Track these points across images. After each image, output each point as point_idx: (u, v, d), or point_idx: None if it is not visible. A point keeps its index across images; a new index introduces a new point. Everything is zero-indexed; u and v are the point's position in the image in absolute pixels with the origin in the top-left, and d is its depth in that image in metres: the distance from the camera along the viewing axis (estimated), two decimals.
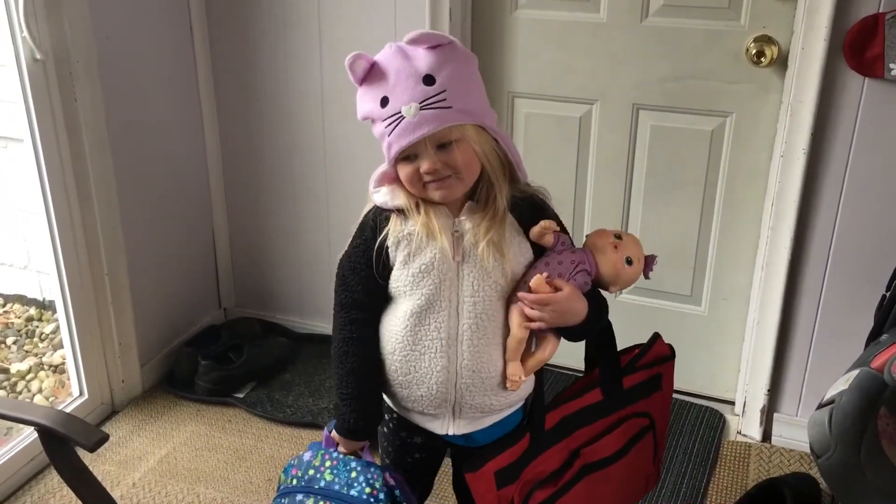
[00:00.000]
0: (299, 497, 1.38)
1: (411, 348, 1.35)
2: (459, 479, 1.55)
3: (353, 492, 1.36)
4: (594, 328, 1.41)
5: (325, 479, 1.39)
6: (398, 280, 1.34)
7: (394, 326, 1.37)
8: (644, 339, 2.57)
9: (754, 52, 2.09)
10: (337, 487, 1.37)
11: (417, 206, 1.32)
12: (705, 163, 2.27)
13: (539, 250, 1.37)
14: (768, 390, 2.29)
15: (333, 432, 1.43)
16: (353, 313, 1.38)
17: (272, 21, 2.47)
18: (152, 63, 2.42)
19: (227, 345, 2.61)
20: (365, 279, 1.36)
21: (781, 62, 2.08)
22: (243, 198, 2.74)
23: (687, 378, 2.50)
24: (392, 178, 1.33)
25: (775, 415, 2.32)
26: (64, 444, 1.56)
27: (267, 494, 2.14)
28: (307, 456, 1.43)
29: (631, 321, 2.50)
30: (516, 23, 2.32)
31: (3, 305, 3.22)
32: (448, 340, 1.34)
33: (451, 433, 1.42)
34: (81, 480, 1.60)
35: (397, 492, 1.39)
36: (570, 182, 2.41)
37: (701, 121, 2.24)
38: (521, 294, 1.32)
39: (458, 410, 1.39)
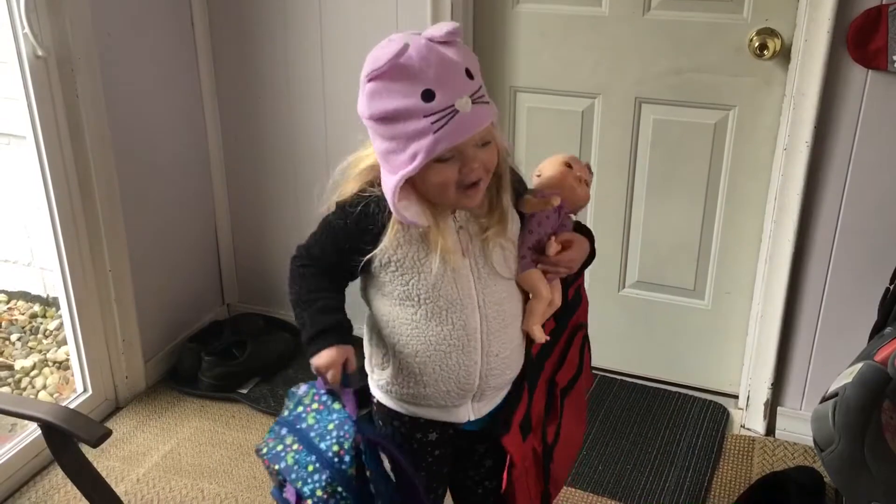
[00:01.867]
0: (283, 431, 1.34)
1: (435, 349, 1.34)
2: (457, 474, 1.58)
3: (322, 444, 1.29)
4: (594, 257, 1.47)
5: (307, 421, 1.33)
6: (407, 285, 1.31)
7: (412, 330, 1.34)
8: (647, 333, 2.58)
9: (757, 44, 2.08)
10: (312, 434, 1.30)
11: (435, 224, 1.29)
12: (708, 156, 2.27)
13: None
14: (772, 384, 2.29)
15: (312, 360, 1.34)
16: (306, 267, 1.38)
17: (274, 17, 2.46)
18: (154, 59, 2.42)
19: (230, 341, 2.61)
20: (327, 258, 1.35)
21: (784, 55, 2.08)
22: (246, 193, 2.74)
23: (690, 372, 2.50)
24: (407, 192, 1.25)
25: (779, 408, 2.32)
26: (67, 440, 1.56)
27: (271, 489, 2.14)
28: (302, 390, 1.38)
29: (634, 315, 2.51)
30: (518, 17, 2.32)
31: (7, 302, 3.22)
32: (473, 334, 1.34)
33: (471, 419, 1.44)
34: (85, 476, 1.61)
35: (364, 457, 1.30)
36: None
37: (704, 114, 2.23)
38: (546, 259, 1.36)
39: (480, 395, 1.41)
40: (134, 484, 2.16)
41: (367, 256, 1.30)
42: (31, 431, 2.17)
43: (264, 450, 1.33)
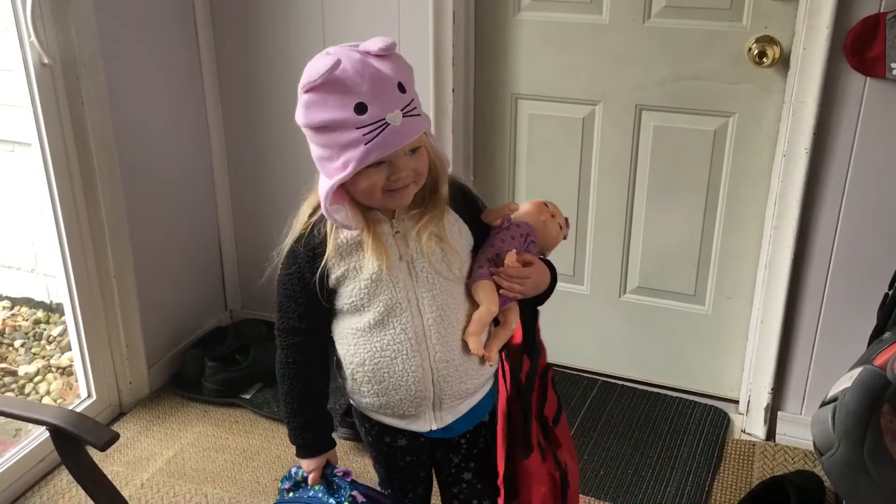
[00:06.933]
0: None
1: (381, 356, 1.36)
2: (442, 490, 1.60)
3: (331, 500, 1.41)
4: (551, 292, 1.47)
5: (313, 489, 1.44)
6: (351, 295, 1.35)
7: (358, 339, 1.37)
8: (648, 338, 2.59)
9: (756, 52, 2.10)
10: (321, 495, 1.43)
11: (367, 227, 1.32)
12: (708, 163, 2.28)
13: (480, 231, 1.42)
14: (772, 389, 2.30)
15: (301, 462, 1.46)
16: (290, 339, 1.40)
17: (277, 26, 2.48)
18: (158, 67, 2.44)
19: (233, 346, 2.63)
20: (302, 307, 1.38)
21: (783, 62, 2.09)
22: (248, 199, 2.75)
23: (691, 377, 2.51)
24: (341, 197, 1.30)
25: (779, 413, 2.33)
26: (75, 444, 1.57)
27: (274, 494, 2.15)
28: (292, 470, 1.49)
29: (635, 321, 2.52)
30: (519, 25, 2.34)
31: (11, 308, 3.23)
32: (416, 339, 1.35)
33: (434, 428, 1.44)
34: (93, 479, 1.62)
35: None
36: (573, 183, 2.42)
37: (703, 121, 2.25)
38: (500, 270, 1.36)
39: (439, 403, 1.41)
40: (138, 489, 2.17)
41: (319, 272, 1.33)
42: (37, 436, 2.18)
43: None
